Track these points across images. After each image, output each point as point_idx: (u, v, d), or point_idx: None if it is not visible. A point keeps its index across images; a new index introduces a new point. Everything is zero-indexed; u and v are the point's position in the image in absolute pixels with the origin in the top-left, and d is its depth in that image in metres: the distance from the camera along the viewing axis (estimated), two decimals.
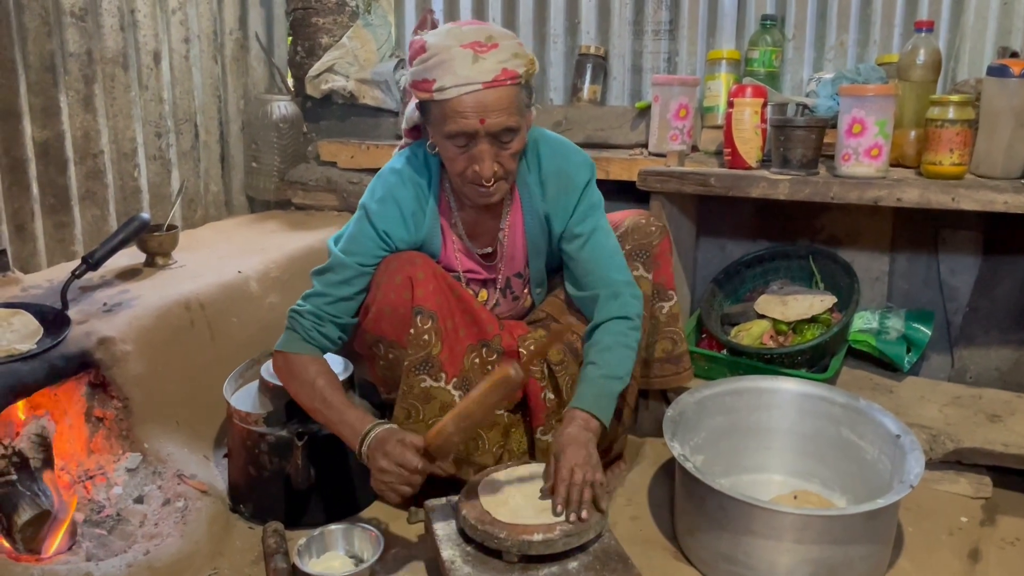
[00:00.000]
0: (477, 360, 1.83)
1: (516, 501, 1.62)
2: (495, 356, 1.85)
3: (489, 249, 1.92)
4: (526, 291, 1.99)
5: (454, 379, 1.79)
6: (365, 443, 1.64)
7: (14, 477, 1.67)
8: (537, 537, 1.51)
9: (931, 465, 1.98)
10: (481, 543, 1.55)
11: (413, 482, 1.59)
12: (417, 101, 1.73)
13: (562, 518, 1.55)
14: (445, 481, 1.82)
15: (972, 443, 2.01)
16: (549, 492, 1.61)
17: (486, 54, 1.61)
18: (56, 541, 1.66)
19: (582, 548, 1.55)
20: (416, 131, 1.89)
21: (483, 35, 1.63)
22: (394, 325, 1.75)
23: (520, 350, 1.87)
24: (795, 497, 1.87)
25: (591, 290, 1.84)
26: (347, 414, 1.70)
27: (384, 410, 1.99)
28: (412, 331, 1.74)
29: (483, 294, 1.94)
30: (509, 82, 1.62)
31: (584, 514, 1.54)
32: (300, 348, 1.78)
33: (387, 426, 1.66)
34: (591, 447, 1.64)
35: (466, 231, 1.89)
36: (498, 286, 1.95)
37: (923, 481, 1.65)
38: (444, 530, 1.63)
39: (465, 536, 1.59)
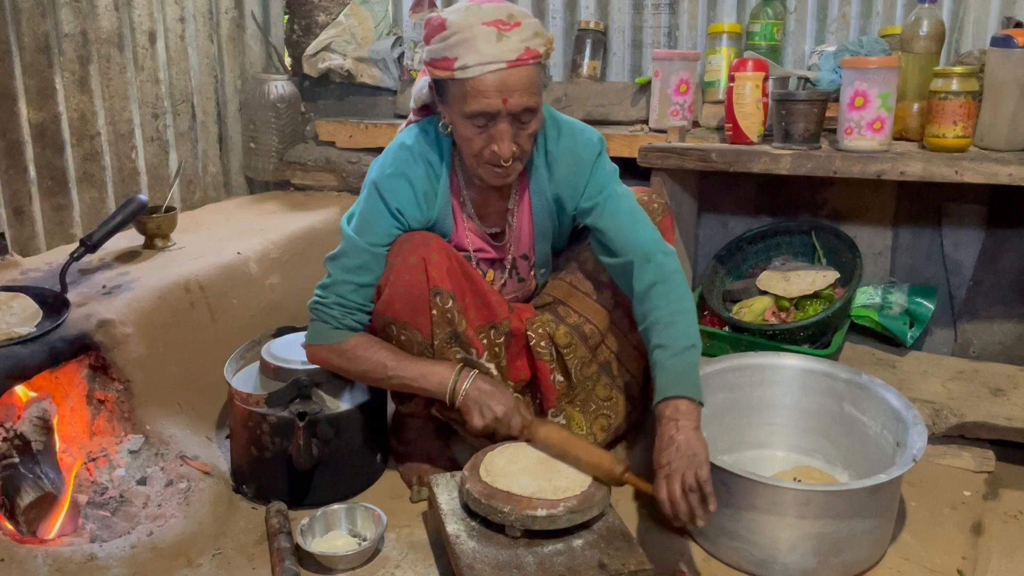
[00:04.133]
0: (485, 341, 1.82)
1: (518, 472, 1.62)
2: (503, 338, 1.85)
3: (496, 229, 1.91)
4: (531, 273, 1.98)
5: (485, 353, 1.79)
6: (462, 390, 1.72)
7: (16, 460, 1.67)
8: (541, 512, 1.51)
9: (934, 439, 1.99)
10: (485, 517, 1.56)
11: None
12: (431, 80, 1.70)
13: (566, 494, 1.55)
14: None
15: (975, 417, 2.01)
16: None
17: (509, 32, 1.58)
18: (57, 523, 1.66)
19: (586, 525, 1.56)
20: (425, 110, 1.86)
21: (504, 13, 1.60)
22: (408, 307, 1.74)
23: (528, 332, 1.87)
24: (794, 479, 1.87)
25: (622, 256, 1.79)
26: (427, 376, 1.75)
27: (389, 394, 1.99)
28: (434, 311, 1.72)
29: (490, 274, 1.93)
30: (531, 61, 1.60)
31: (700, 523, 1.46)
32: (339, 337, 1.77)
33: (473, 376, 1.73)
34: (685, 438, 1.53)
35: (475, 210, 1.87)
36: (506, 267, 1.94)
37: (926, 456, 1.65)
38: (449, 505, 1.63)
39: (469, 511, 1.59)
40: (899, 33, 2.34)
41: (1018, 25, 2.25)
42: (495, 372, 1.80)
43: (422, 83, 1.80)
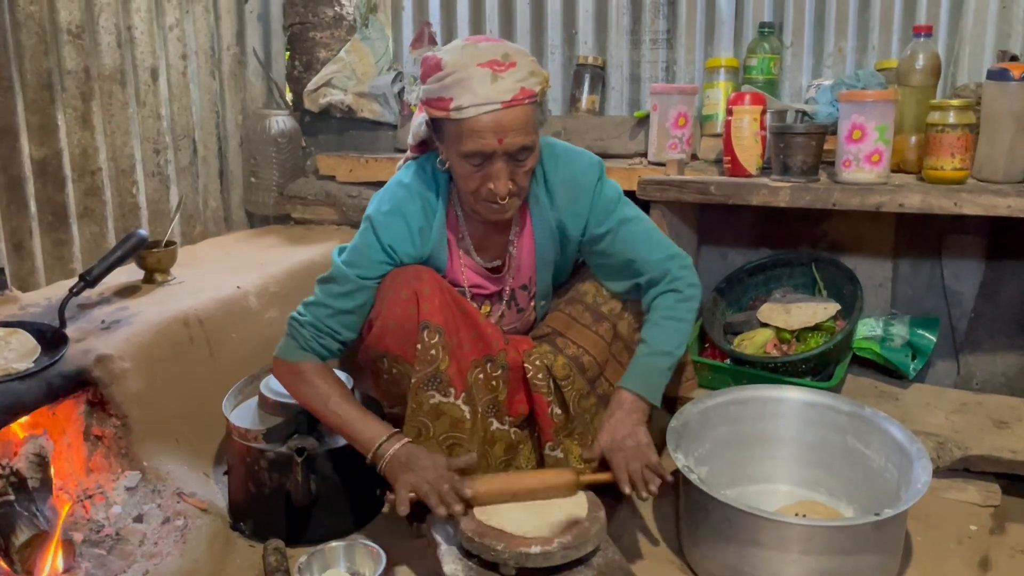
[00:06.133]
0: (481, 376, 1.81)
1: (512, 508, 1.60)
2: (500, 371, 1.83)
3: (497, 262, 1.90)
4: (531, 304, 1.97)
5: (463, 394, 1.77)
6: (383, 460, 1.66)
7: (12, 498, 1.65)
8: (535, 550, 1.49)
9: (938, 473, 1.96)
10: (479, 556, 1.53)
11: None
12: (428, 117, 1.72)
13: (559, 530, 1.53)
14: None
15: (980, 450, 1.99)
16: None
17: (504, 73, 1.59)
18: (48, 560, 1.64)
19: (583, 561, 1.53)
20: (423, 146, 1.87)
21: (500, 53, 1.61)
22: (398, 340, 1.73)
23: (526, 365, 1.86)
24: (795, 514, 1.84)
25: (636, 278, 1.84)
26: (363, 423, 1.73)
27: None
28: (419, 346, 1.71)
29: (486, 307, 1.93)
30: (527, 101, 1.61)
31: (653, 488, 1.62)
32: (300, 356, 1.77)
33: (405, 441, 1.68)
34: (639, 430, 1.70)
35: (474, 245, 1.87)
36: (504, 298, 1.93)
37: (931, 489, 1.63)
38: (446, 544, 1.61)
39: (466, 550, 1.57)
40: (895, 67, 2.35)
41: (1013, 58, 2.28)
42: (467, 416, 1.77)
43: (420, 120, 1.81)
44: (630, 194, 2.32)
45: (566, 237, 1.87)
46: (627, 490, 1.62)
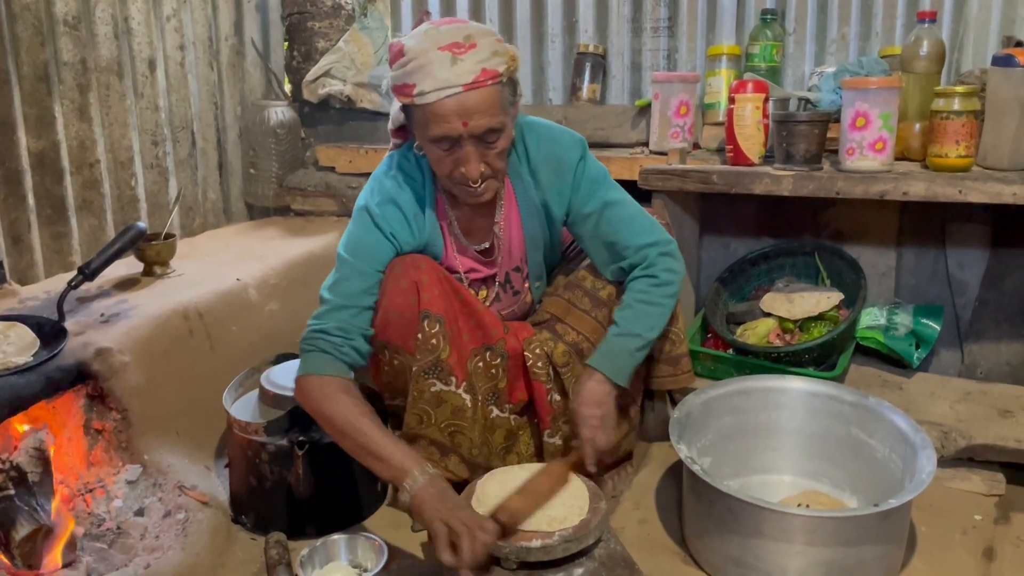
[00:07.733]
0: (481, 364, 1.81)
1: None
2: (499, 360, 1.83)
3: (486, 245, 1.90)
4: (526, 285, 1.97)
5: (464, 383, 1.76)
6: (408, 491, 1.51)
7: (12, 492, 1.64)
8: (535, 543, 1.48)
9: (943, 463, 1.95)
10: None
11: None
12: (400, 104, 1.71)
13: (563, 524, 1.52)
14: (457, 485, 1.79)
15: (984, 439, 1.98)
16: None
17: (464, 55, 1.57)
18: (54, 556, 1.63)
19: (584, 553, 1.53)
20: (403, 131, 1.86)
21: (461, 35, 1.59)
22: (400, 330, 1.73)
23: (526, 353, 1.85)
24: (798, 505, 1.84)
25: (619, 262, 1.83)
26: (397, 445, 1.59)
27: (387, 417, 1.97)
28: (420, 336, 1.71)
29: (482, 291, 1.92)
30: (490, 82, 1.59)
31: (591, 469, 1.67)
32: (335, 370, 1.65)
33: (431, 477, 1.52)
34: (604, 404, 1.72)
35: (462, 229, 1.87)
36: (498, 281, 1.93)
37: (935, 479, 1.62)
38: None
39: None
40: (899, 53, 2.33)
41: (1018, 44, 2.25)
42: (469, 404, 1.76)
43: (398, 105, 1.80)
44: (632, 184, 2.33)
45: (551, 215, 1.87)
46: (592, 469, 1.67)
